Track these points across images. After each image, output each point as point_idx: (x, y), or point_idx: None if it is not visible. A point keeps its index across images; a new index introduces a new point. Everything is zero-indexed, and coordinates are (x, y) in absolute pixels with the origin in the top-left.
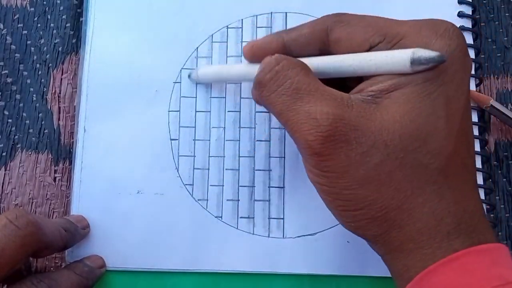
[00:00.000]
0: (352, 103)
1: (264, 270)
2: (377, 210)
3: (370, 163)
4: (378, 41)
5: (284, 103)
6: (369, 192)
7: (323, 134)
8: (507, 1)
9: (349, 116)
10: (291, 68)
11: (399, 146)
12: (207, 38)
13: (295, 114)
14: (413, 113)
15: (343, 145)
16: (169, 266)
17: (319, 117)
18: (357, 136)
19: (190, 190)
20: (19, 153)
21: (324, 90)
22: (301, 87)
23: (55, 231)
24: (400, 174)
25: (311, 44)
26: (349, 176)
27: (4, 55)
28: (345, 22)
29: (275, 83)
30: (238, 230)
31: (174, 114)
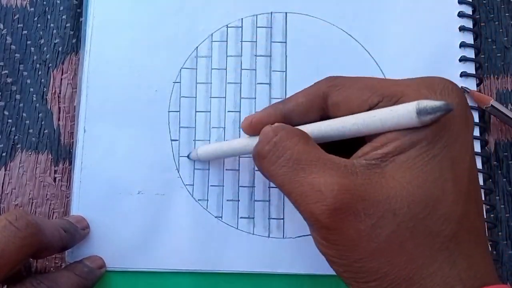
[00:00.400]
0: (357, 170)
1: (264, 270)
2: (389, 283)
3: (381, 235)
4: (377, 101)
5: (286, 175)
6: (381, 265)
7: (329, 207)
8: (507, 1)
9: (355, 185)
10: (290, 138)
11: (409, 214)
12: (207, 37)
13: (298, 186)
14: (419, 178)
15: (351, 218)
16: (169, 266)
17: (323, 189)
18: (365, 207)
19: (191, 190)
20: (19, 153)
21: (326, 158)
22: (301, 157)
23: (55, 232)
24: (411, 244)
25: (310, 112)
26: (360, 249)
27: (4, 55)
28: (339, 86)
29: (274, 154)
30: (238, 230)
31: (174, 114)
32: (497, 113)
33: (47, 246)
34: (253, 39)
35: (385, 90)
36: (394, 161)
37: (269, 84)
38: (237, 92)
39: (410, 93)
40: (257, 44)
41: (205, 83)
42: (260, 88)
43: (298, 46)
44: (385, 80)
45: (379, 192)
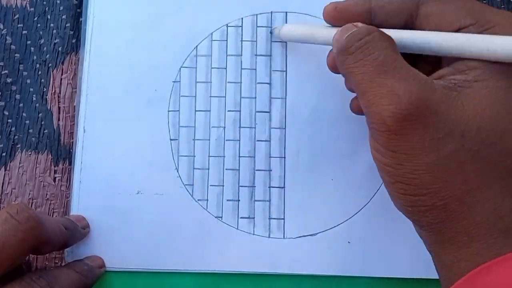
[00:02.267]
0: (435, 87)
1: (264, 271)
2: (439, 199)
3: (443, 150)
4: (469, 23)
5: (367, 73)
6: (435, 180)
7: (402, 112)
8: (507, 1)
9: (432, 99)
10: (382, 41)
11: (476, 138)
12: (207, 36)
13: (376, 86)
14: (494, 108)
15: (419, 127)
16: (169, 266)
17: (401, 94)
18: (436, 121)
19: (190, 190)
20: (19, 153)
21: (410, 69)
22: (388, 60)
23: (56, 227)
24: (470, 166)
25: (399, 14)
26: (418, 160)
27: (4, 55)
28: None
29: (363, 52)
30: (239, 231)
31: (173, 113)
32: None
33: (47, 241)
34: (253, 39)
35: (481, 14)
36: (472, 87)
37: (269, 83)
38: (237, 91)
39: (504, 25)
40: (257, 44)
41: (205, 82)
42: (260, 88)
43: (298, 45)
44: (485, 5)
45: (453, 111)
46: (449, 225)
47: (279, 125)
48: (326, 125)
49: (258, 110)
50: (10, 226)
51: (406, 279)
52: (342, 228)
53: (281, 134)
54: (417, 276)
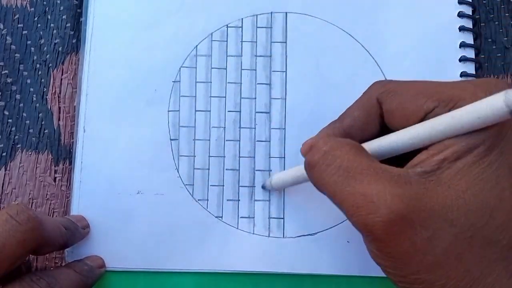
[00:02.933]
0: (411, 180)
1: (264, 270)
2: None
3: (438, 247)
4: (432, 107)
5: (336, 184)
6: (437, 277)
7: (383, 219)
8: (507, 1)
9: (409, 195)
10: (340, 147)
11: (466, 224)
12: (207, 36)
13: (349, 196)
14: (476, 186)
15: (406, 230)
16: (169, 266)
17: (376, 200)
18: (421, 218)
19: (190, 190)
20: (19, 153)
21: (378, 167)
22: (352, 165)
23: (56, 228)
24: (469, 255)
25: (369, 124)
26: (415, 262)
27: (4, 55)
28: (392, 92)
29: (324, 163)
30: (239, 230)
31: (173, 113)
32: None
33: (47, 241)
34: (253, 39)
35: (441, 95)
36: (450, 168)
37: (269, 84)
38: (237, 92)
39: (467, 97)
40: (257, 44)
41: (204, 82)
42: (260, 88)
43: (298, 46)
44: (439, 84)
45: (434, 201)
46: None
47: (279, 125)
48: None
49: (258, 111)
50: (10, 227)
51: None
52: (342, 228)
53: (281, 134)
54: None
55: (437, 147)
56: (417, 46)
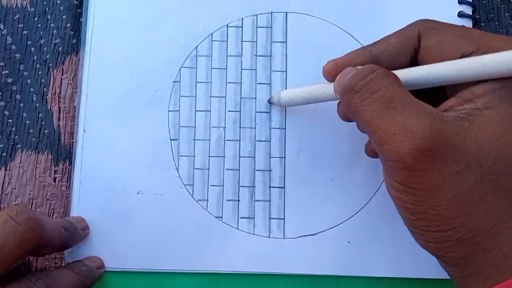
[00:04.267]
0: (447, 119)
1: (264, 271)
2: (464, 233)
3: (464, 183)
4: (470, 51)
5: (376, 111)
6: (458, 214)
7: (418, 148)
8: (507, 1)
9: (446, 131)
10: (386, 77)
11: (494, 168)
12: (207, 36)
13: (387, 123)
14: (508, 135)
15: (438, 162)
16: (169, 267)
17: (415, 128)
18: (453, 154)
19: (190, 191)
20: (19, 153)
21: (419, 103)
22: (395, 97)
23: (55, 229)
24: (492, 197)
25: (402, 54)
26: (440, 195)
27: (4, 55)
28: (436, 29)
29: (368, 90)
30: (239, 231)
31: (173, 113)
32: None
33: (47, 242)
34: (253, 39)
35: (482, 41)
36: (483, 115)
37: (269, 84)
38: (237, 92)
39: (507, 48)
40: (257, 44)
41: (205, 83)
42: (260, 88)
43: (299, 46)
44: (484, 32)
45: (468, 142)
46: (476, 258)
47: (279, 125)
48: (326, 125)
49: (258, 111)
50: (9, 227)
51: (406, 279)
52: (342, 228)
53: (281, 134)
54: (417, 276)
55: (466, 94)
56: None
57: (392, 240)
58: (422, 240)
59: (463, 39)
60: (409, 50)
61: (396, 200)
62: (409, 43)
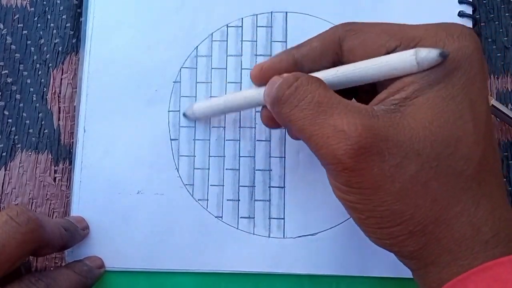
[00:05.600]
0: (377, 114)
1: (264, 270)
2: (415, 225)
3: (405, 175)
4: (394, 46)
5: (306, 118)
6: (406, 207)
7: (353, 147)
8: (507, 1)
9: (378, 126)
10: (310, 83)
11: (432, 154)
12: (207, 37)
13: (319, 128)
14: (441, 118)
15: (375, 158)
16: (169, 266)
17: (346, 129)
18: (389, 147)
19: (190, 190)
20: (19, 153)
21: (346, 102)
22: (322, 100)
23: (55, 229)
24: (435, 184)
25: (324, 57)
26: (384, 191)
27: (4, 55)
28: (357, 30)
29: (296, 98)
30: (239, 230)
31: (174, 114)
32: (497, 113)
33: (47, 243)
34: (253, 39)
35: (404, 35)
36: (414, 103)
37: None
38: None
39: (428, 38)
40: (257, 44)
41: (205, 83)
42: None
43: None
44: (403, 25)
45: (401, 133)
46: (431, 248)
47: None
48: None
49: (258, 110)
50: (10, 228)
51: (406, 279)
52: (342, 228)
53: (281, 134)
54: None
55: (396, 85)
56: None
57: None
58: (376, 238)
59: (384, 35)
60: (330, 54)
61: (343, 201)
62: (330, 47)
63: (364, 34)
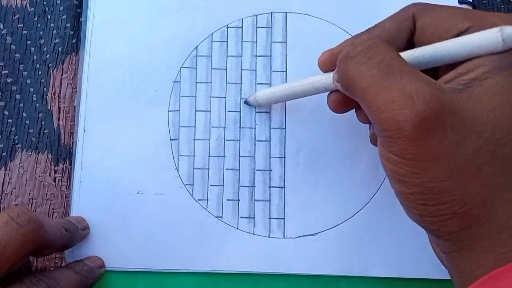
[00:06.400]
0: (445, 90)
1: (264, 271)
2: (461, 206)
3: (462, 154)
4: (467, 26)
5: (374, 77)
6: (455, 186)
7: (418, 115)
8: (507, 1)
9: (446, 100)
10: (384, 46)
11: (492, 138)
12: (207, 37)
13: (385, 90)
14: (506, 105)
15: (437, 131)
16: (169, 266)
17: (414, 95)
18: (453, 122)
19: (190, 190)
20: (19, 153)
21: (417, 71)
22: (393, 64)
23: (56, 229)
24: (489, 168)
25: (397, 37)
26: (438, 166)
27: (4, 55)
28: (430, 9)
29: (366, 55)
30: (239, 230)
31: (173, 113)
32: None
33: (48, 243)
34: (253, 39)
35: (477, 16)
36: (482, 85)
37: (269, 84)
38: (237, 92)
39: (503, 22)
40: (257, 44)
41: (205, 83)
42: (261, 88)
43: (299, 46)
44: (478, 10)
45: (466, 111)
46: (470, 231)
47: (279, 125)
48: (326, 125)
49: (258, 111)
50: (10, 229)
51: (406, 279)
52: (342, 228)
53: (281, 134)
54: (417, 276)
55: (465, 66)
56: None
57: (392, 240)
58: (416, 214)
59: (458, 16)
60: (404, 33)
61: (390, 172)
62: (404, 25)
63: (438, 13)
